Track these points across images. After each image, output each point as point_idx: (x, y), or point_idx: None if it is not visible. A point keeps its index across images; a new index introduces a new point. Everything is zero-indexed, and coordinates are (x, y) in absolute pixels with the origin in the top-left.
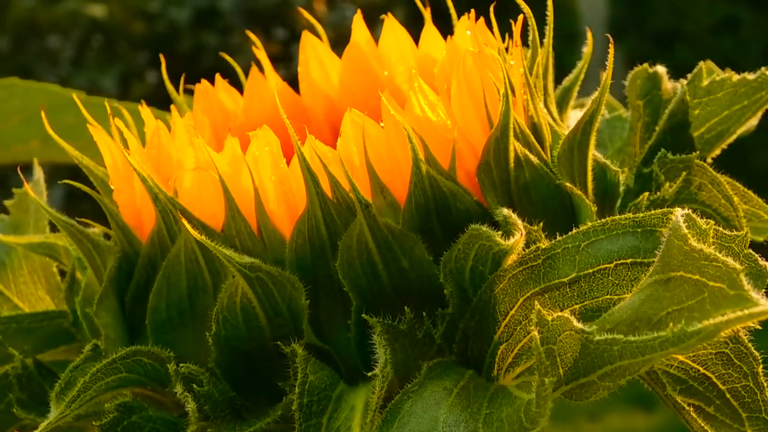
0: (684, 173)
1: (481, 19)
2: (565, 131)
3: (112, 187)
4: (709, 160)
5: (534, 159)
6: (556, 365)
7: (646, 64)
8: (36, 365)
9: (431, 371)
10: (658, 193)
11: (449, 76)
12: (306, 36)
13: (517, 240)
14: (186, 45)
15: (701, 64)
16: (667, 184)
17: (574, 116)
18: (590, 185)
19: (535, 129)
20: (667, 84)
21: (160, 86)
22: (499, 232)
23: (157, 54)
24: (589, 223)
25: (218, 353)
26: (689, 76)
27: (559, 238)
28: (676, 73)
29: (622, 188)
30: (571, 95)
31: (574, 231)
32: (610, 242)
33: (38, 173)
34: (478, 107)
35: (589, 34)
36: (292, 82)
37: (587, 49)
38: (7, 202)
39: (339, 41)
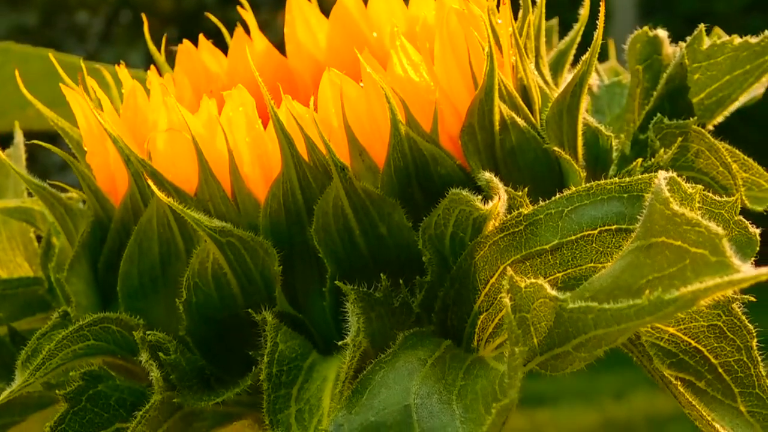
0: (680, 139)
1: None
2: (557, 94)
3: (86, 149)
4: (710, 127)
5: (521, 122)
6: (530, 334)
7: (646, 28)
8: (11, 333)
9: (406, 341)
10: (653, 160)
11: (434, 35)
12: None
13: (495, 204)
14: (212, 22)
15: (700, 26)
16: (662, 150)
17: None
18: (580, 150)
19: (524, 92)
20: (668, 49)
21: None
22: (479, 197)
23: (184, 30)
24: (573, 188)
25: (189, 321)
26: (688, 38)
27: (542, 203)
28: None
29: (615, 154)
30: (566, 59)
31: (557, 196)
32: (594, 208)
33: (18, 137)
34: (463, 68)
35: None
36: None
37: (584, 11)
38: None
39: None
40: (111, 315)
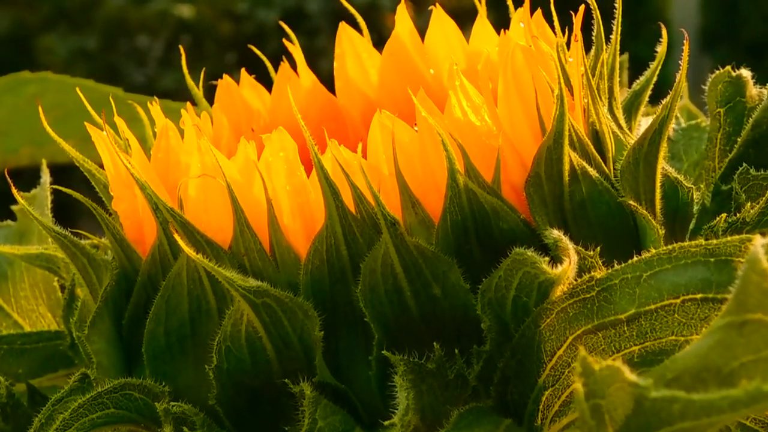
0: None
1: (539, 12)
2: (632, 141)
3: (112, 194)
4: None
5: (593, 172)
6: (604, 424)
7: (728, 67)
8: (30, 391)
9: (462, 419)
10: (738, 215)
11: (497, 74)
12: (343, 28)
13: (565, 268)
14: (273, 46)
15: None
16: (749, 204)
17: (645, 124)
18: (658, 204)
19: (597, 137)
20: (753, 90)
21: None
22: (547, 258)
23: (244, 55)
24: (653, 250)
25: (220, 389)
26: None
27: (617, 266)
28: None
29: (696, 208)
30: (641, 100)
31: (635, 259)
32: (676, 273)
33: (45, 176)
34: (529, 111)
35: (664, 32)
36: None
37: (662, 48)
38: (14, 207)
39: None
40: (133, 381)
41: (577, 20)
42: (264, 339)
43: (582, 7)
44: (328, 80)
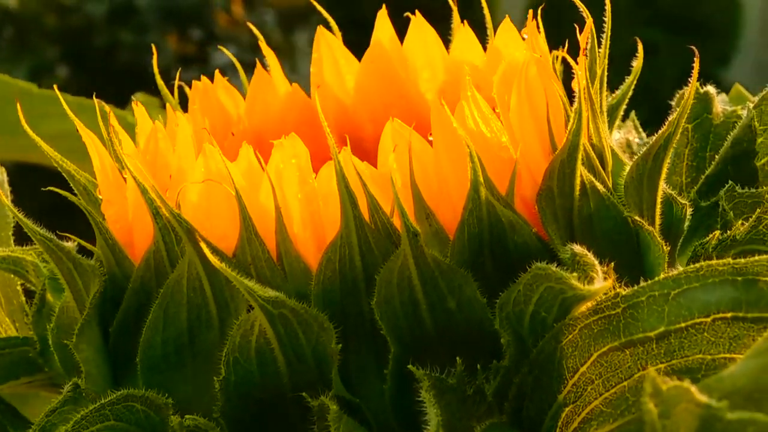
0: (759, 210)
1: (533, 23)
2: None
3: (100, 197)
4: None
5: (600, 187)
6: None
7: (697, 84)
8: None
9: None
10: (729, 232)
11: (490, 84)
12: (321, 32)
13: (603, 285)
14: (101, 41)
15: None
16: (740, 222)
17: (617, 138)
18: (658, 220)
19: (599, 153)
20: (718, 107)
21: (71, 81)
22: (575, 274)
23: (69, 48)
24: (680, 268)
25: (225, 401)
26: (756, 99)
27: (643, 284)
28: None
29: (686, 225)
30: (616, 114)
31: (661, 276)
32: (705, 292)
33: (1, 175)
34: (539, 124)
35: (640, 47)
36: None
37: (637, 63)
38: None
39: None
40: (135, 392)
41: (583, 36)
42: (276, 351)
43: (589, 21)
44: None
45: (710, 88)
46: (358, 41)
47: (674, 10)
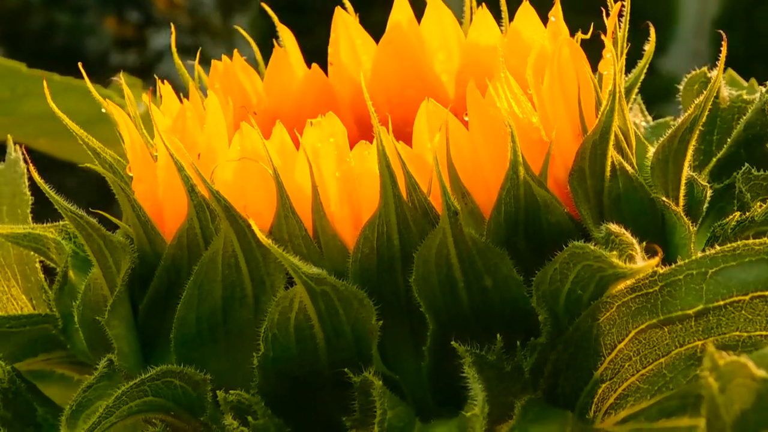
0: None
1: (557, 5)
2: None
3: (130, 174)
4: None
5: (629, 168)
6: (720, 419)
7: (704, 68)
8: (15, 376)
9: (527, 412)
10: (747, 213)
11: (511, 66)
12: (338, 13)
13: (647, 263)
14: (37, 22)
15: None
16: (758, 203)
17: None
18: (681, 201)
19: (625, 134)
20: (724, 92)
21: None
22: (615, 253)
23: (5, 30)
24: (717, 247)
25: (262, 378)
26: None
27: (680, 262)
28: None
29: (705, 207)
30: (629, 98)
31: (699, 255)
32: (742, 270)
33: (16, 152)
34: (570, 106)
35: (652, 31)
36: (145, 68)
37: (649, 47)
38: None
39: (197, 28)
40: (174, 368)
41: (611, 20)
42: (316, 327)
43: (617, 5)
44: (101, 57)
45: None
46: (295, 23)
47: None
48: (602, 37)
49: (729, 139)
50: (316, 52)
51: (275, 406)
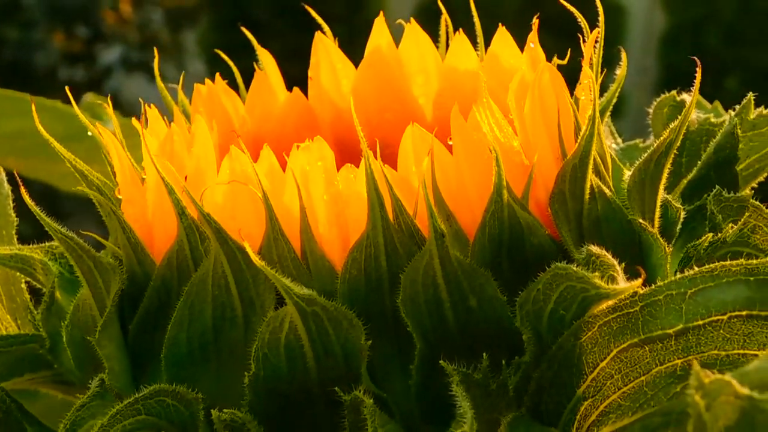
0: (746, 214)
1: (534, 31)
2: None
3: (119, 197)
4: None
5: (607, 191)
6: None
7: (674, 92)
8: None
9: (513, 429)
10: (720, 234)
11: (494, 89)
12: (319, 38)
13: (631, 284)
14: None
15: (749, 95)
16: (729, 225)
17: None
18: (657, 223)
19: (602, 158)
20: (692, 115)
21: None
22: (597, 274)
23: None
24: (696, 269)
25: (253, 396)
26: (737, 107)
27: (660, 283)
28: None
29: (678, 228)
30: (602, 120)
31: (677, 276)
32: (720, 291)
33: (0, 174)
34: (550, 130)
35: (623, 55)
36: (93, 83)
37: (621, 71)
38: None
39: (146, 43)
40: (166, 387)
41: (588, 45)
42: (306, 347)
43: (596, 32)
44: (49, 72)
45: (686, 96)
46: (243, 39)
47: (561, 14)
48: (582, 62)
49: (699, 162)
50: None
51: (266, 423)
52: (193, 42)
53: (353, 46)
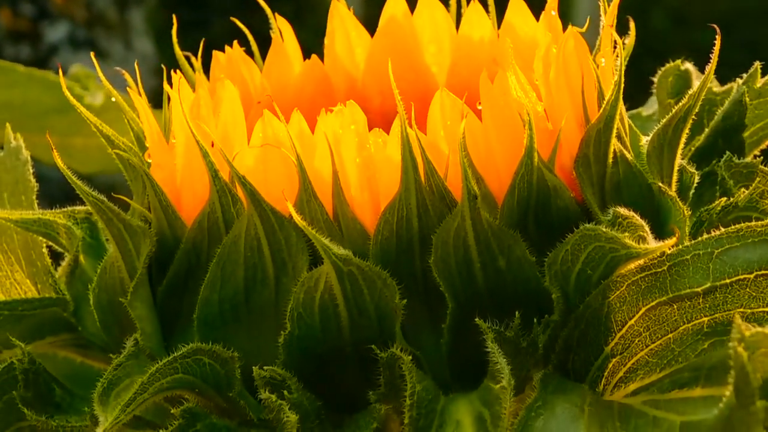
0: (756, 179)
1: None
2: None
3: (149, 160)
4: None
5: (629, 155)
6: (749, 385)
7: (678, 61)
8: (28, 360)
9: (546, 385)
10: (732, 199)
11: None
12: (335, 6)
13: (664, 243)
14: None
15: (756, 64)
16: (741, 189)
17: None
18: (674, 186)
19: (622, 124)
20: (696, 84)
21: None
22: (626, 234)
23: None
24: (722, 229)
25: (287, 355)
26: (744, 76)
27: (687, 243)
28: None
29: (691, 192)
30: None
31: (704, 237)
32: (746, 250)
33: (17, 141)
34: (574, 95)
35: (632, 25)
36: (39, 62)
37: (629, 41)
38: None
39: (92, 21)
40: (203, 346)
41: (610, 12)
42: (340, 306)
43: (615, 1)
44: None
45: (689, 66)
46: (192, 18)
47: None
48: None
49: (707, 129)
50: (213, 45)
51: (300, 382)
52: (141, 20)
53: (301, 24)
